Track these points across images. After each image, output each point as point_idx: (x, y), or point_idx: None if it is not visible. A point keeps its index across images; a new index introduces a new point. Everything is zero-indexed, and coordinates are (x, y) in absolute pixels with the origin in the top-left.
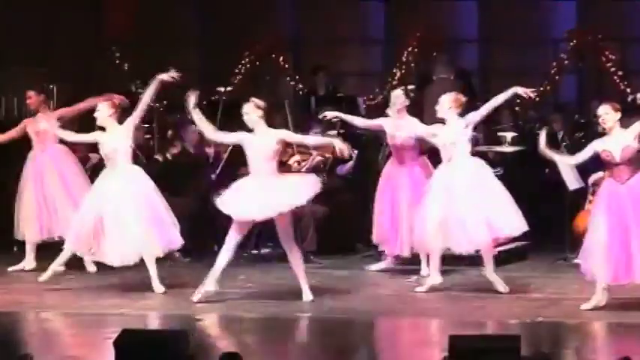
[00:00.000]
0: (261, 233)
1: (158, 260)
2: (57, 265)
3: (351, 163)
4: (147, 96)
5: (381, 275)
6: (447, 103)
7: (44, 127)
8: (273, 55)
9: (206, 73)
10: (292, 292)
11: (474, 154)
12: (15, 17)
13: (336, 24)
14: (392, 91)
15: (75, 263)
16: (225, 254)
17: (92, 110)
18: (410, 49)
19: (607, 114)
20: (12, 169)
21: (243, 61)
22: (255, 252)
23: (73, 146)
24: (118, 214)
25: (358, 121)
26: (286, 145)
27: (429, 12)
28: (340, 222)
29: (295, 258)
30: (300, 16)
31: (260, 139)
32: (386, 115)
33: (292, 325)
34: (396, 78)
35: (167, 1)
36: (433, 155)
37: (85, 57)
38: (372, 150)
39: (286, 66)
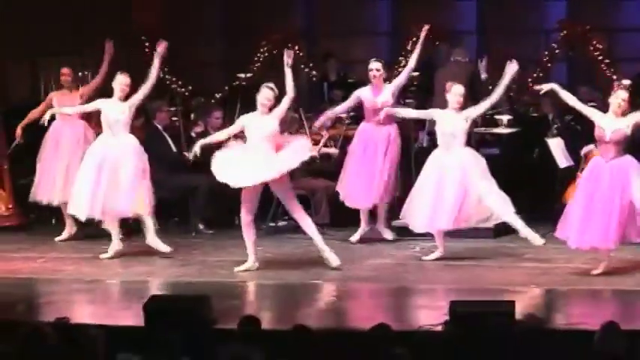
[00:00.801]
0: (279, 206)
1: (185, 232)
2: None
3: None
4: (153, 73)
5: (387, 246)
6: (460, 96)
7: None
8: (289, 45)
9: (228, 61)
10: (305, 261)
11: (473, 134)
12: (50, 10)
13: (346, 16)
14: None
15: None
16: (247, 231)
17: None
18: (414, 39)
19: (624, 100)
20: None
21: (261, 50)
22: (272, 225)
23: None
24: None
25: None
26: (298, 129)
27: (432, 5)
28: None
29: (308, 225)
30: (314, 9)
31: (263, 119)
32: None
33: (307, 291)
34: (402, 65)
35: None
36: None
37: (117, 46)
38: None
39: (301, 54)
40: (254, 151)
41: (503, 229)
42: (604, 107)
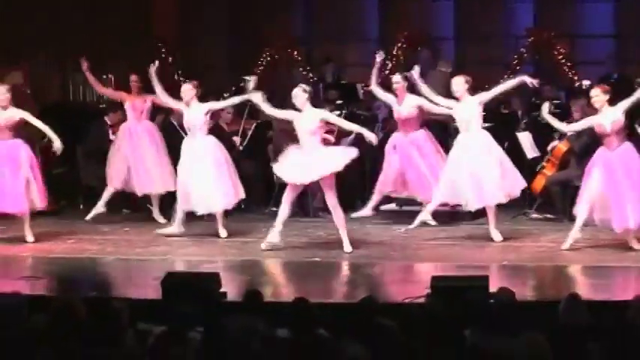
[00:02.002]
0: (281, 192)
1: (198, 217)
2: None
3: (352, 136)
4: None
5: (376, 227)
6: (463, 84)
7: (146, 106)
8: (289, 50)
9: (234, 64)
10: (303, 242)
11: (451, 127)
12: (76, 20)
13: (339, 24)
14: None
15: (129, 217)
16: (284, 210)
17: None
18: (399, 44)
19: (597, 96)
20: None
21: (264, 55)
22: (274, 209)
23: None
24: (200, 174)
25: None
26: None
27: (414, 14)
28: (343, 184)
29: (338, 216)
30: (311, 18)
31: (306, 117)
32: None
33: (305, 269)
34: (388, 68)
35: (202, 5)
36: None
37: (137, 53)
38: (368, 126)
39: (299, 59)
40: (306, 150)
41: (480, 213)
42: (566, 104)
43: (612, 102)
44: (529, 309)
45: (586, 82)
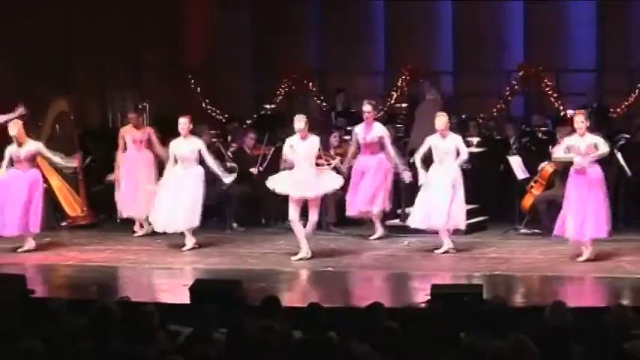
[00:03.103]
0: None
1: (222, 229)
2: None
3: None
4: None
5: (382, 241)
6: (445, 124)
7: (141, 137)
8: (305, 81)
9: (256, 94)
10: (317, 253)
11: None
12: (117, 55)
13: (349, 59)
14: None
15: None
16: (296, 226)
17: None
18: (402, 77)
19: (581, 122)
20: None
21: (282, 86)
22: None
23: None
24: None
25: None
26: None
27: (416, 50)
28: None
29: (312, 224)
30: (324, 53)
31: (305, 144)
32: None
33: (319, 277)
34: (393, 98)
35: (226, 41)
36: None
37: (169, 82)
38: None
39: (313, 89)
40: (301, 170)
41: (476, 227)
42: (552, 131)
43: (591, 128)
44: (518, 314)
45: (570, 112)
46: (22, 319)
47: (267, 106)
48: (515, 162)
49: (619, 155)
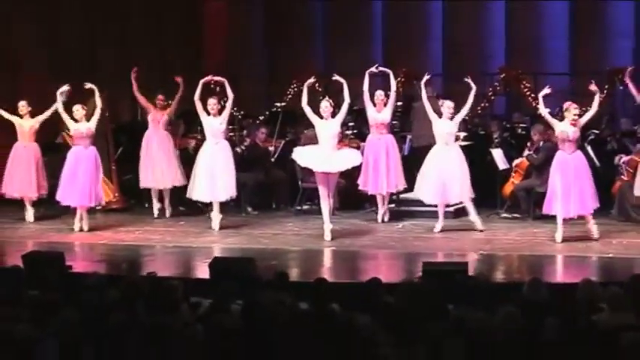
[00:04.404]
0: (304, 194)
1: (238, 213)
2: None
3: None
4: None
5: (379, 223)
6: (451, 108)
7: (163, 119)
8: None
9: (269, 93)
10: (322, 233)
11: None
12: (143, 57)
13: (353, 60)
14: None
15: (184, 212)
16: (324, 205)
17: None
18: (399, 79)
19: (577, 113)
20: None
21: (292, 86)
22: (299, 208)
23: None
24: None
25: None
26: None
27: (411, 55)
28: (353, 189)
29: (326, 205)
30: (330, 55)
31: (329, 124)
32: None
33: (323, 255)
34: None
35: (242, 47)
36: None
37: (191, 82)
38: None
39: (319, 89)
40: (325, 148)
41: (462, 212)
42: (530, 126)
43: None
44: (499, 288)
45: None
46: (61, 292)
47: (278, 104)
48: (497, 154)
49: (589, 148)
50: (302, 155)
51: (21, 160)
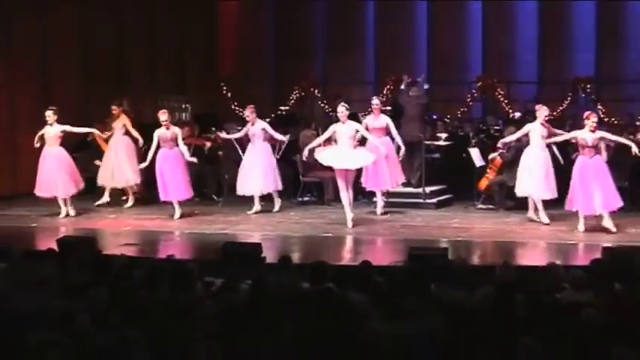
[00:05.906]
0: (305, 187)
1: (245, 203)
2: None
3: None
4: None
5: (372, 215)
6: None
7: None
8: (311, 89)
9: (274, 98)
10: (321, 222)
11: (422, 145)
12: (166, 65)
13: (347, 70)
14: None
15: (200, 203)
16: (344, 196)
17: None
18: (388, 86)
19: (595, 122)
20: None
21: (294, 92)
22: (300, 199)
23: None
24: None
25: None
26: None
27: (398, 63)
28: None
29: (347, 196)
30: (327, 66)
31: (346, 126)
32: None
33: (321, 241)
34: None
35: (252, 57)
36: None
37: (207, 87)
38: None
39: (318, 95)
40: (343, 147)
41: (443, 203)
42: (503, 128)
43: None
44: (475, 271)
45: (517, 114)
46: (92, 273)
47: (283, 108)
48: (474, 153)
49: (554, 148)
50: (324, 156)
51: (45, 163)
